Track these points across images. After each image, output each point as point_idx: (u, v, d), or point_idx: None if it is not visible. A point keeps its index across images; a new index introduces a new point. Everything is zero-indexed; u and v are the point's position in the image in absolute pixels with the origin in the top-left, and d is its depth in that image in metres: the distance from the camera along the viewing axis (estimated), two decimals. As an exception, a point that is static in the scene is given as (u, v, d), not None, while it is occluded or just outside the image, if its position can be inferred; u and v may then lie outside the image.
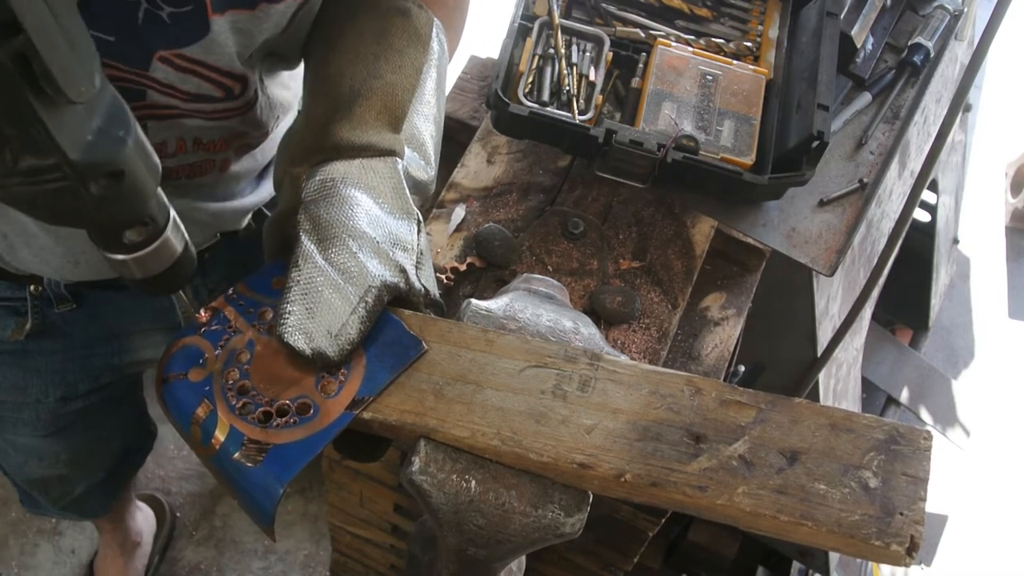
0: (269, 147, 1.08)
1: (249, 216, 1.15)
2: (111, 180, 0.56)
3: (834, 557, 1.86)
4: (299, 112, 0.83)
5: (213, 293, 1.21)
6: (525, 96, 1.09)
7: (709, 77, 1.13)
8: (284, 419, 0.67)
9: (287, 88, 1.02)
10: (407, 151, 0.79)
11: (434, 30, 0.85)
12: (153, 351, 1.26)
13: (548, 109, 1.08)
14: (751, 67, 1.16)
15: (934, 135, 1.13)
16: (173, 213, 0.65)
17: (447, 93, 1.02)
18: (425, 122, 0.82)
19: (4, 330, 1.11)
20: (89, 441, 1.40)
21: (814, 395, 1.52)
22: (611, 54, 1.15)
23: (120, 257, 0.63)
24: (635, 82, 1.15)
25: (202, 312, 0.73)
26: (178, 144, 0.91)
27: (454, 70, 1.11)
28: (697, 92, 1.12)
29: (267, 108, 0.96)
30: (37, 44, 0.48)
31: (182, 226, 0.66)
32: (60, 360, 1.18)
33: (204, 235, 1.09)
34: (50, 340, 1.15)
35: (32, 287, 1.07)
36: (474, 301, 0.80)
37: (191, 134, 0.91)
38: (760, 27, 1.22)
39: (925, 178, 1.14)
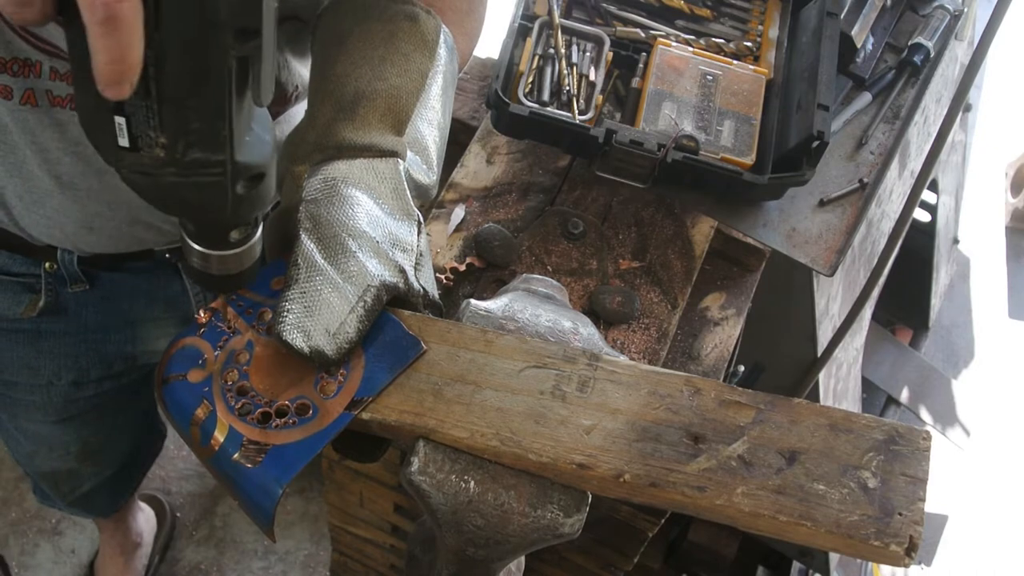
0: (285, 127, 1.08)
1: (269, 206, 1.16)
2: (253, 182, 0.57)
3: (834, 557, 1.87)
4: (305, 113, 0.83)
5: None
6: (525, 96, 1.09)
7: (709, 77, 1.13)
8: (283, 420, 0.67)
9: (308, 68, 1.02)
10: (409, 154, 0.79)
11: (441, 36, 0.85)
12: (166, 341, 1.26)
13: (548, 109, 1.08)
14: (751, 67, 1.16)
15: (934, 135, 1.13)
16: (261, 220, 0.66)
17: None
18: (429, 127, 0.82)
19: (17, 306, 1.12)
20: (100, 433, 1.41)
21: (814, 395, 1.52)
22: (611, 54, 1.15)
23: (212, 252, 0.63)
24: (635, 82, 1.15)
25: (201, 313, 0.73)
26: None
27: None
28: (697, 92, 1.12)
29: (286, 69, 0.96)
30: (264, 51, 0.49)
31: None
32: (73, 342, 1.19)
33: None
34: (63, 321, 1.15)
35: (47, 264, 1.08)
36: (473, 301, 0.80)
37: None
38: (760, 27, 1.22)
39: (925, 178, 1.14)
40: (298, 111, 1.07)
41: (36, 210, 1.00)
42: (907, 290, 2.42)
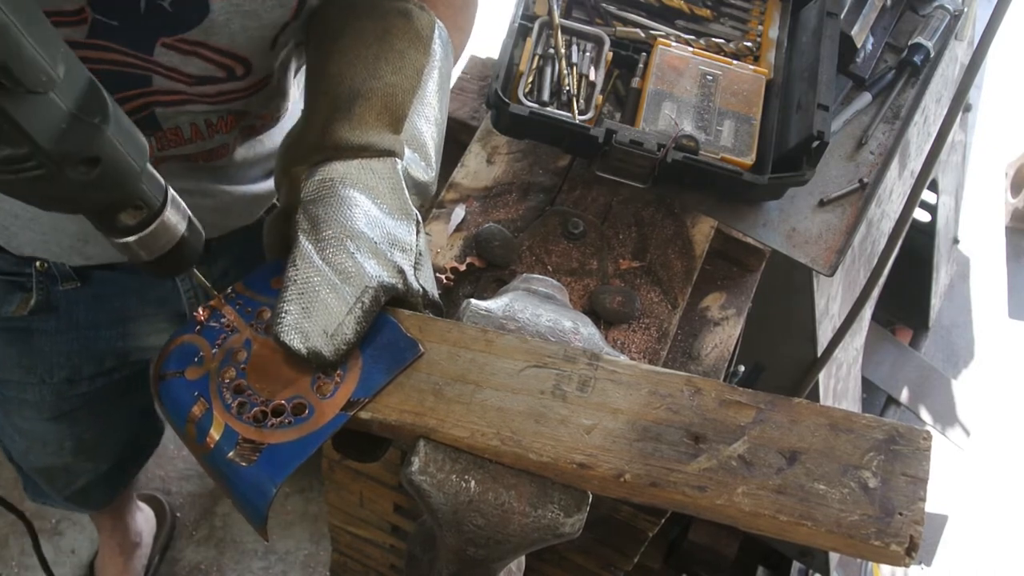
0: (276, 136, 1.08)
1: (263, 210, 1.16)
2: (88, 166, 0.56)
3: (834, 557, 1.86)
4: (301, 113, 0.83)
5: (217, 281, 1.22)
6: (525, 96, 1.09)
7: (709, 77, 1.13)
8: (279, 419, 0.67)
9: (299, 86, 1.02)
10: (407, 152, 0.79)
11: (436, 31, 0.85)
12: (157, 338, 1.27)
13: (548, 109, 1.08)
14: (751, 67, 1.16)
15: (934, 135, 1.13)
16: (172, 193, 0.65)
17: (449, 93, 1.02)
18: (426, 123, 0.82)
19: (8, 305, 1.11)
20: (94, 430, 1.40)
21: (814, 395, 1.52)
22: (611, 54, 1.15)
23: (121, 240, 0.64)
24: (635, 82, 1.15)
25: (200, 310, 0.73)
26: (192, 129, 0.92)
27: (454, 70, 1.11)
28: (697, 92, 1.12)
29: (277, 94, 0.96)
30: None
31: (183, 205, 0.66)
32: (65, 340, 1.19)
33: (216, 224, 1.10)
34: (55, 319, 1.15)
35: (38, 263, 1.08)
36: (474, 301, 0.80)
37: (202, 117, 0.92)
38: (760, 27, 1.22)
39: (925, 178, 1.13)
40: (287, 124, 1.07)
41: (31, 227, 1.00)
42: (907, 290, 2.42)
